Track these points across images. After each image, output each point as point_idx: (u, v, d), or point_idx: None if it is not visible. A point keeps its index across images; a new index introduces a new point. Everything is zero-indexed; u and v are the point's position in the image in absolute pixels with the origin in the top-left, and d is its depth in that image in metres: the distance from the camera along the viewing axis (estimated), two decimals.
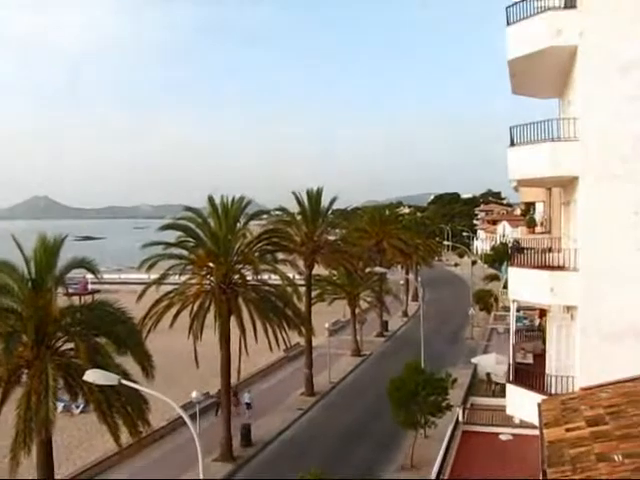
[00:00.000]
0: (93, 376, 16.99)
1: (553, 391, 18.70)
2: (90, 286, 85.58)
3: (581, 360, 17.84)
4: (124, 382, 17.80)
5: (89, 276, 36.94)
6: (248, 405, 41.66)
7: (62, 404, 34.45)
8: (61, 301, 23.70)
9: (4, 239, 28.45)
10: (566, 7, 18.83)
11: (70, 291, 29.76)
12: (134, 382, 20.08)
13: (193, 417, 30.60)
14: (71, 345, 22.28)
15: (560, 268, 19.28)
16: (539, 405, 15.41)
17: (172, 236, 35.48)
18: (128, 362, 22.93)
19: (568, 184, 20.85)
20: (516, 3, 20.02)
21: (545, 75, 21.65)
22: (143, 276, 42.02)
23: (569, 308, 19.49)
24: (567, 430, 12.76)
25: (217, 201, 35.20)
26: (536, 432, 14.71)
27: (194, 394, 35.91)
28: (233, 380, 37.76)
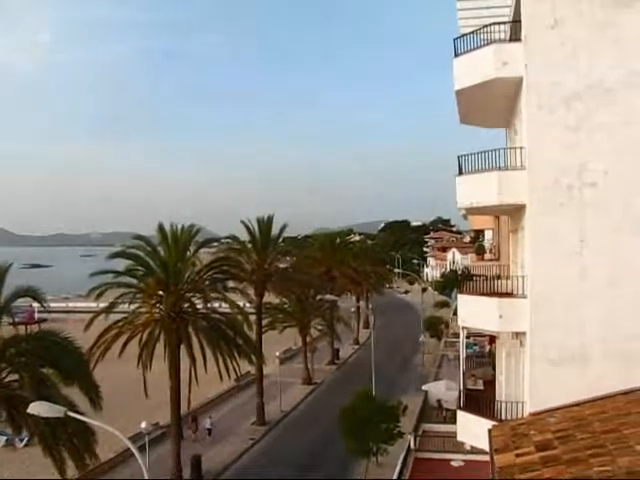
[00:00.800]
0: (38, 408, 16.57)
1: (503, 417, 18.84)
2: (37, 315, 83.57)
3: (530, 386, 18.01)
4: (70, 414, 17.40)
5: (36, 305, 36.10)
6: (209, 431, 41.87)
7: (5, 438, 33.51)
8: (6, 331, 23.16)
9: None
10: (511, 40, 19.40)
11: (16, 320, 29.09)
12: (81, 414, 19.66)
13: (142, 448, 29.97)
14: (16, 376, 21.74)
15: (508, 295, 19.54)
16: (489, 431, 15.53)
17: (121, 264, 35.04)
18: (75, 393, 22.45)
19: (515, 212, 21.22)
20: (464, 35, 20.51)
21: (492, 105, 22.13)
22: (92, 304, 41.40)
23: (518, 334, 19.70)
24: (517, 455, 12.86)
25: (167, 229, 34.96)
26: (487, 458, 14.79)
27: (143, 424, 35.25)
28: (183, 410, 37.23)
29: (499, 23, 20.04)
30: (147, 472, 16.94)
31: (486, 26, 19.99)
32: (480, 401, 21.05)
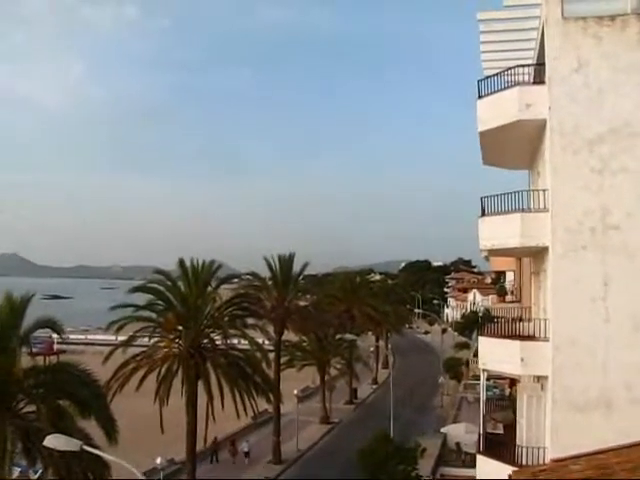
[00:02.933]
0: (54, 442, 16.50)
1: (524, 462, 18.52)
2: (56, 346, 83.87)
3: (552, 431, 17.73)
4: (86, 448, 17.29)
5: (55, 336, 36.27)
6: (246, 454, 44.12)
7: (19, 469, 33.27)
8: (25, 361, 23.20)
9: None
10: (535, 82, 19.48)
11: (35, 351, 29.15)
12: (96, 447, 19.53)
13: None
14: (32, 408, 21.71)
15: (530, 338, 19.34)
16: (510, 477, 15.22)
17: (142, 298, 35.14)
18: (91, 425, 22.36)
19: (538, 254, 21.09)
20: (487, 77, 20.64)
21: (515, 147, 22.18)
22: (110, 337, 41.44)
23: (539, 378, 19.47)
24: None
25: (187, 264, 35.06)
26: None
27: (158, 460, 35.00)
28: (199, 446, 36.93)
29: (523, 65, 20.18)
30: None
31: (510, 68, 20.12)
32: (500, 445, 20.74)
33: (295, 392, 54.17)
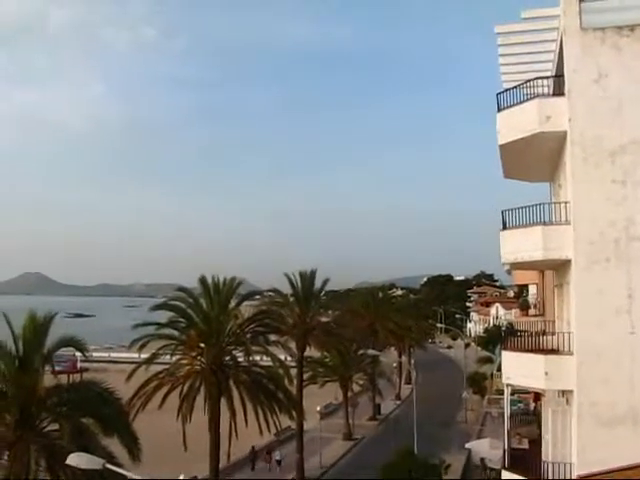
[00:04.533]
0: (77, 460, 16.54)
1: (550, 477, 18.26)
2: (79, 364, 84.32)
3: (578, 446, 17.48)
4: (109, 466, 17.30)
5: (78, 354, 36.45)
6: (279, 462, 47.23)
7: None
8: (48, 379, 23.33)
9: None
10: (555, 94, 19.37)
11: (58, 369, 29.33)
12: (119, 466, 19.54)
13: None
14: (56, 426, 21.80)
15: (554, 352, 19.13)
16: None
17: (164, 316, 35.26)
18: (114, 444, 22.39)
19: (560, 267, 20.91)
20: (506, 90, 20.57)
21: (535, 159, 22.04)
22: (133, 355, 41.56)
23: (564, 392, 19.24)
24: None
25: (209, 281, 35.16)
26: None
27: (181, 477, 34.96)
28: (222, 463, 36.84)
29: (542, 77, 20.11)
30: None
31: (529, 81, 20.03)
32: (526, 461, 20.49)
33: (318, 408, 54.02)
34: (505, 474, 21.02)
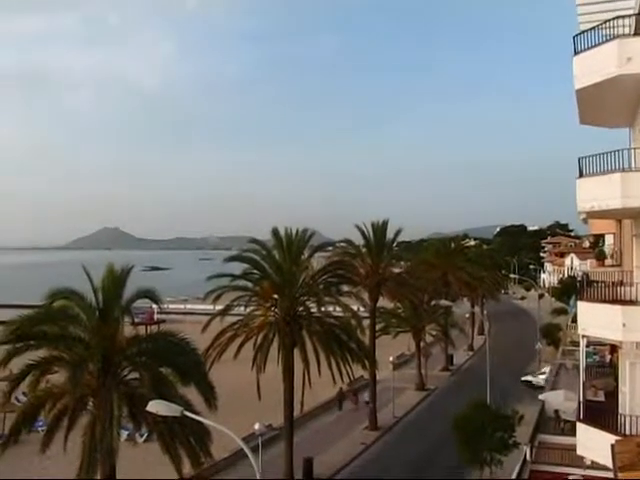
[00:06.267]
0: (156, 407, 17.07)
1: (628, 432, 17.96)
2: (156, 316, 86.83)
3: None
4: (187, 413, 17.83)
5: (155, 306, 37.37)
6: (367, 402, 47.97)
7: (126, 432, 34.69)
8: (127, 330, 24.07)
9: (76, 268, 29.01)
10: (636, 34, 18.44)
11: (136, 320, 30.15)
12: (197, 413, 20.13)
13: (255, 449, 30.41)
14: (136, 375, 22.56)
15: (632, 303, 18.65)
16: (613, 446, 14.82)
17: (238, 268, 35.76)
18: (191, 392, 23.04)
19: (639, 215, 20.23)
20: (583, 32, 19.71)
21: (614, 104, 21.17)
22: (208, 307, 42.44)
23: None
24: None
25: (282, 233, 35.40)
26: (610, 474, 14.12)
27: (257, 426, 35.81)
28: (296, 413, 37.54)
29: (623, 17, 19.12)
30: (259, 473, 17.15)
31: (608, 21, 19.10)
32: (602, 414, 20.16)
33: (390, 359, 54.32)
34: (580, 426, 20.77)
